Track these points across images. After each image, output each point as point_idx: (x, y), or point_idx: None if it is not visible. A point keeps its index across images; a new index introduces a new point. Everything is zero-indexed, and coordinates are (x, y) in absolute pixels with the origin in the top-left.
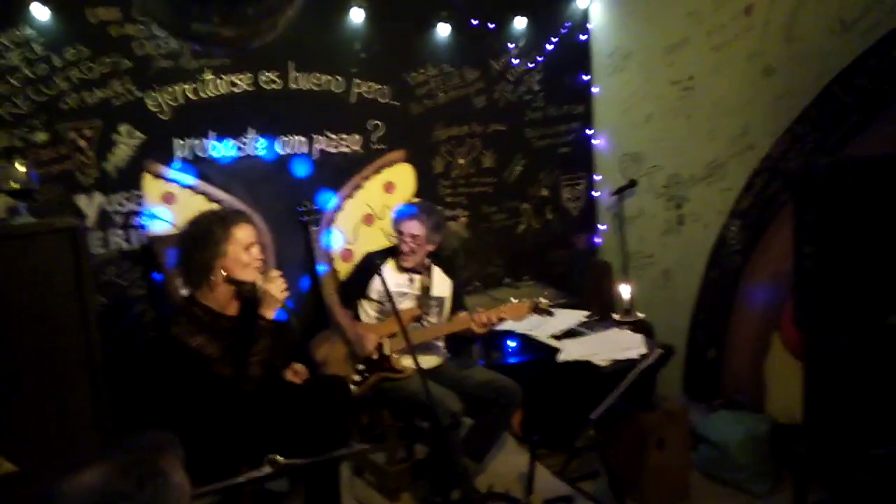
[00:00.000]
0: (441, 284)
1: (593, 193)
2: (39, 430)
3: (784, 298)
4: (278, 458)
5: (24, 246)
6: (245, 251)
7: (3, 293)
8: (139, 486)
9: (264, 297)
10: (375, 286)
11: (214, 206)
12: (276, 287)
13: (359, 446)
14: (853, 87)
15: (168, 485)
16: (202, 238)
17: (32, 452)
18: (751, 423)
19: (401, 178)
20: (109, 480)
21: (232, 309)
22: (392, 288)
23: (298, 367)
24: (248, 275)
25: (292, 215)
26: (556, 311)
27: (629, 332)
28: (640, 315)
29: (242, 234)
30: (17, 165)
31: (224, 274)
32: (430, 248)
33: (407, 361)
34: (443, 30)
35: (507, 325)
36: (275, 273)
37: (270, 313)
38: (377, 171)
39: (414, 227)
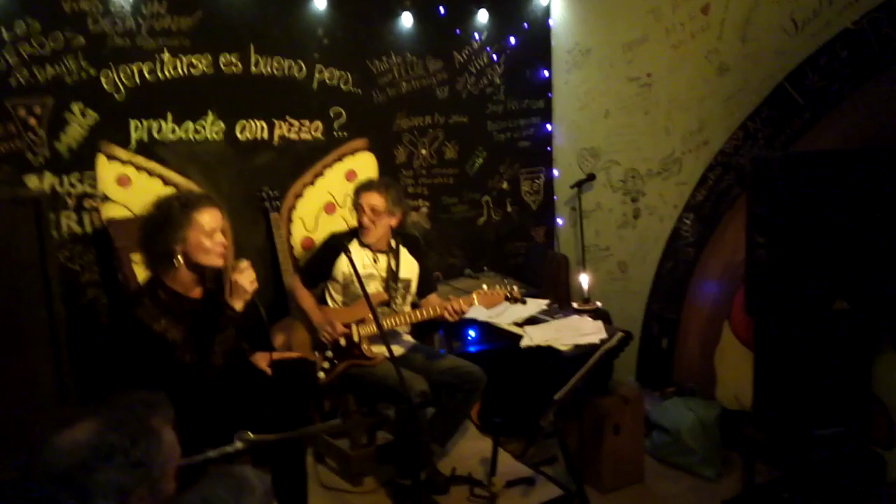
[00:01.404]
0: (408, 266)
1: (552, 187)
2: (1, 402)
3: (735, 289)
4: (248, 433)
5: None
6: (207, 237)
7: None
8: (132, 441)
9: (233, 288)
10: (341, 268)
11: (170, 190)
12: (246, 278)
13: (329, 422)
14: (804, 85)
15: (160, 442)
16: (163, 222)
17: None
18: (701, 410)
19: (363, 167)
20: (102, 434)
21: (196, 292)
22: (358, 269)
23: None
24: (211, 260)
25: (252, 201)
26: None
27: (589, 318)
28: (598, 304)
29: (205, 219)
30: None
31: (185, 259)
32: (392, 222)
33: (377, 348)
34: (406, 19)
35: (469, 313)
36: (245, 264)
37: (239, 304)
38: (339, 159)
39: (373, 199)
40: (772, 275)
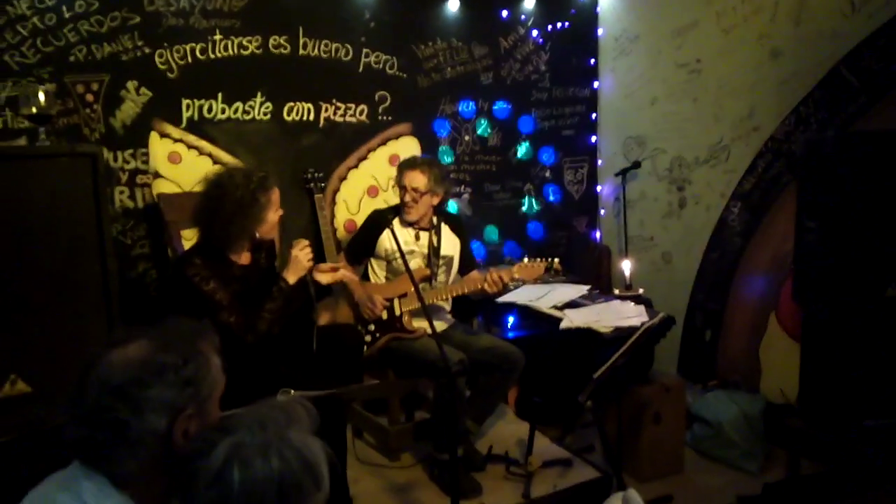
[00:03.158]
0: (450, 243)
1: (595, 176)
2: (54, 352)
3: (783, 280)
4: (290, 391)
5: (46, 168)
6: (275, 213)
7: (22, 215)
8: (183, 360)
9: (291, 263)
10: (384, 244)
11: (219, 169)
12: (305, 255)
13: (370, 383)
14: (861, 68)
15: (208, 364)
16: (249, 206)
17: (46, 374)
18: (745, 403)
19: (406, 151)
20: (155, 353)
21: (244, 258)
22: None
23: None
24: (273, 233)
25: (297, 182)
26: (557, 284)
27: (631, 303)
28: (640, 290)
29: (275, 196)
30: (38, 91)
31: (258, 235)
32: (434, 201)
33: (418, 322)
34: (453, 4)
35: (509, 297)
36: (304, 242)
37: (293, 278)
38: (383, 143)
39: (415, 179)
40: (822, 260)
